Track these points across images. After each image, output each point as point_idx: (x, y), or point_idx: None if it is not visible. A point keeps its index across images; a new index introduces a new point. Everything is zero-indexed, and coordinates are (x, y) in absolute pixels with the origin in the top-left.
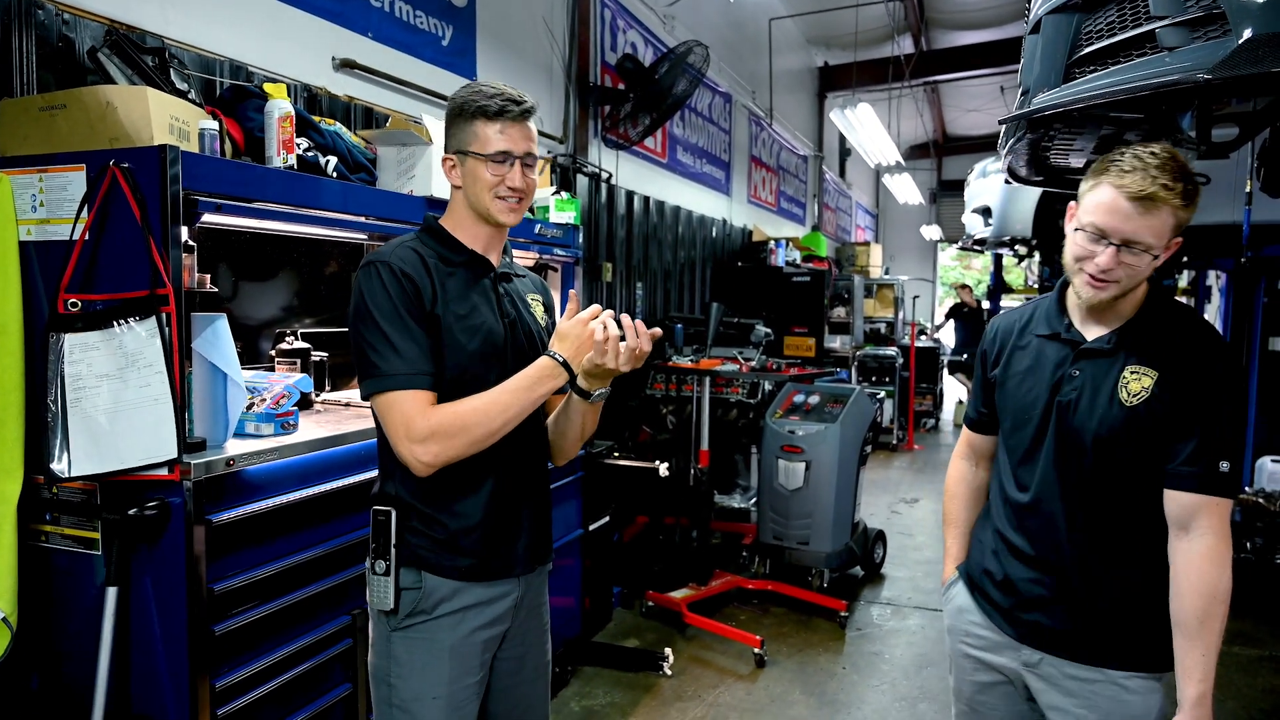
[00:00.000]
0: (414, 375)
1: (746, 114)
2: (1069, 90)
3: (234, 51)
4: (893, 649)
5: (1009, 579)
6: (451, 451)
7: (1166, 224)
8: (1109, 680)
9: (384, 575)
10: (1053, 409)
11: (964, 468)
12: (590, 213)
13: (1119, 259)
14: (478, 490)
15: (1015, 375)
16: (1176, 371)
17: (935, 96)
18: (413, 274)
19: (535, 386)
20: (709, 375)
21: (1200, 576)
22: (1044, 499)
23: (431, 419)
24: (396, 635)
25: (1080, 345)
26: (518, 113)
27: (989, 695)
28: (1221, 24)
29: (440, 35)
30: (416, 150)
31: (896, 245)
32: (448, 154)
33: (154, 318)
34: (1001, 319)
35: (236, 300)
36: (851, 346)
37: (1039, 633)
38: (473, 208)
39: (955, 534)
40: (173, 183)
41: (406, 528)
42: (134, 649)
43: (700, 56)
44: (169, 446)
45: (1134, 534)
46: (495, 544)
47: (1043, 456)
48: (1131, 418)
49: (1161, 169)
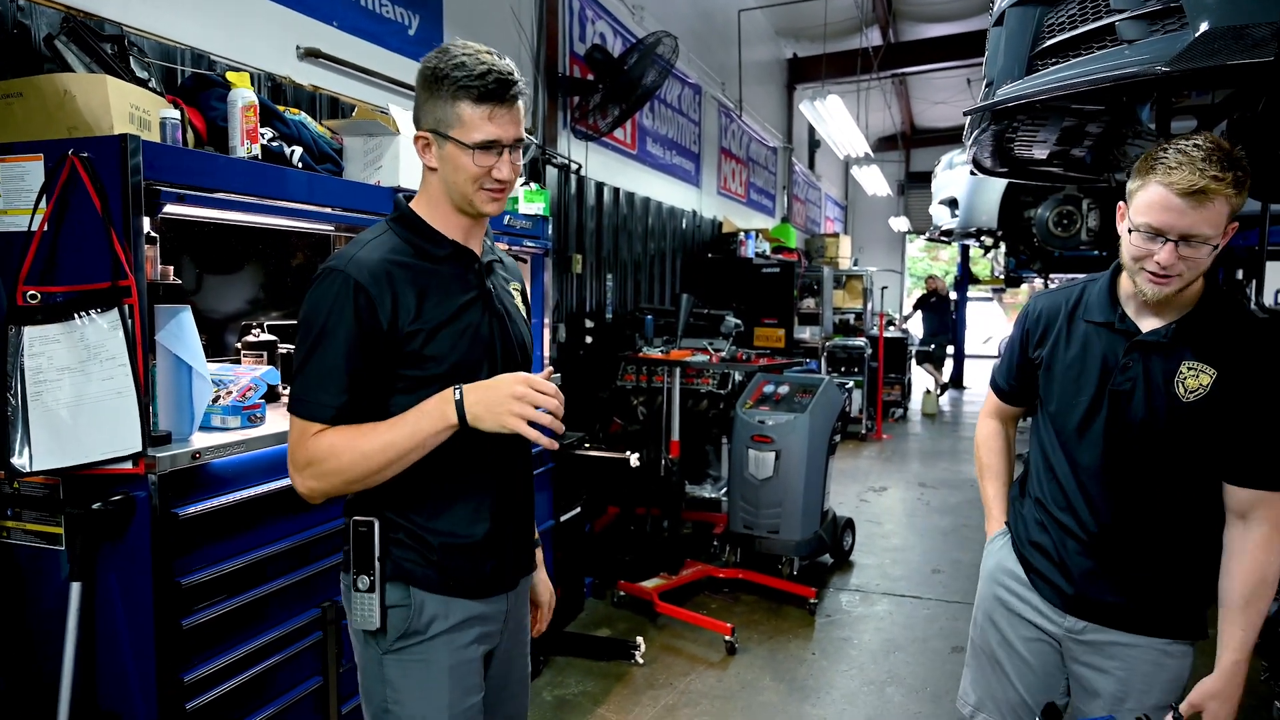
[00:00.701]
0: (320, 406)
1: (716, 105)
2: (1031, 82)
3: (195, 40)
4: (861, 635)
5: (1059, 553)
6: (327, 488)
7: (1221, 213)
8: (1150, 646)
9: (367, 592)
10: (1104, 397)
11: (994, 425)
12: (560, 204)
13: (1179, 254)
14: (480, 502)
15: (1063, 360)
16: (1236, 372)
17: (903, 89)
18: (372, 290)
19: (427, 442)
20: (679, 366)
21: (1253, 561)
22: (1094, 480)
23: (310, 449)
24: (389, 658)
25: (1135, 337)
26: (509, 96)
27: (1018, 648)
28: (1179, 18)
29: (407, 24)
30: (384, 140)
31: (865, 237)
32: (421, 130)
33: (116, 310)
34: (1044, 299)
35: (201, 293)
36: (821, 337)
37: (1087, 605)
38: (451, 195)
39: (997, 487)
40: (134, 173)
41: (393, 540)
42: (100, 645)
43: (669, 47)
44: (133, 440)
45: (1182, 515)
46: (494, 559)
47: (1092, 440)
48: (1188, 414)
49: (1208, 160)
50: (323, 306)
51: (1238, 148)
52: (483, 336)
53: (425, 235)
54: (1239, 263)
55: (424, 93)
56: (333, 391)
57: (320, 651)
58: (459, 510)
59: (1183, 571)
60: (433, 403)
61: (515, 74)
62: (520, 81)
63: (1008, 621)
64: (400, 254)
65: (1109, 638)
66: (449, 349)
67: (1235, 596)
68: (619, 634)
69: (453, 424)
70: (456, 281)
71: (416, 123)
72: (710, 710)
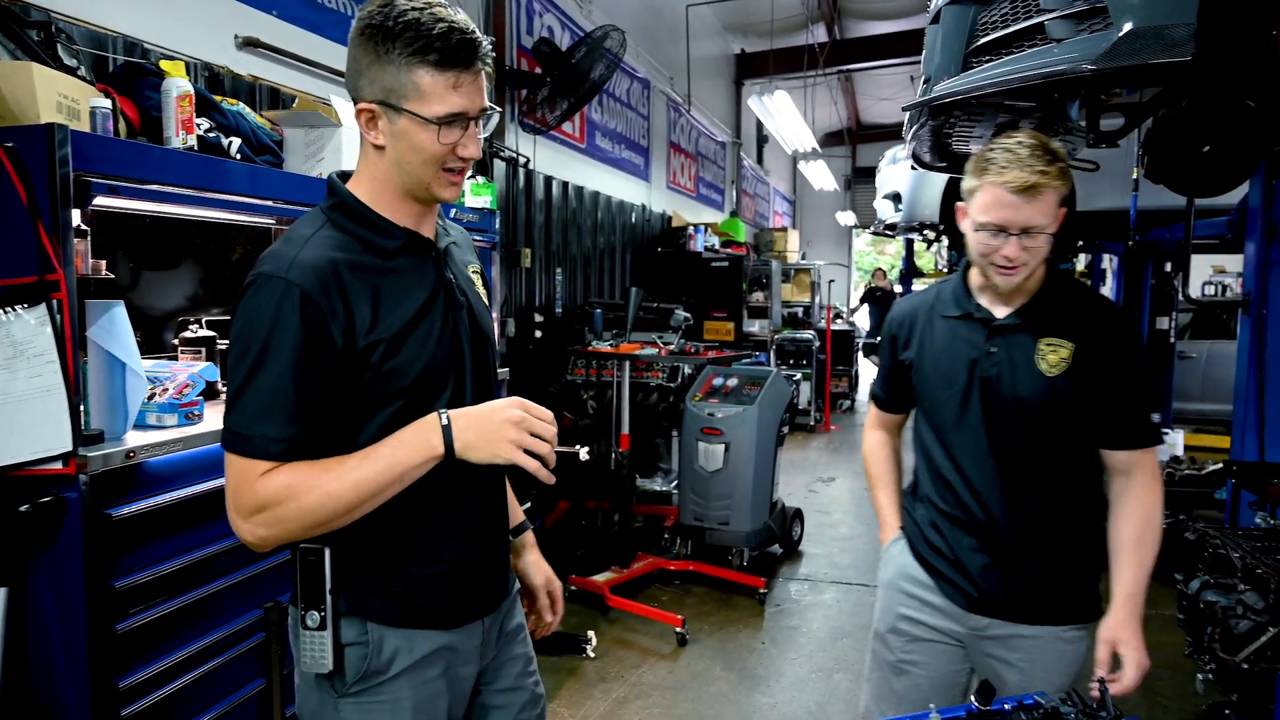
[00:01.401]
0: (266, 441)
1: (665, 100)
2: (966, 79)
3: (128, 27)
4: (810, 623)
5: (955, 551)
6: (282, 535)
7: (1052, 203)
8: (1051, 635)
9: (317, 630)
10: (974, 384)
11: (879, 435)
12: (508, 198)
13: (1022, 245)
14: (454, 523)
15: (931, 356)
16: (1091, 341)
17: (849, 85)
18: (320, 300)
19: (406, 476)
20: (629, 360)
21: (1138, 506)
22: (977, 470)
23: (260, 492)
24: (347, 703)
25: (993, 322)
26: (476, 59)
27: (923, 655)
28: (1104, 18)
29: (348, 14)
30: (325, 132)
31: (813, 231)
32: (366, 102)
33: (44, 305)
34: (903, 304)
35: (137, 288)
36: (770, 330)
37: (991, 602)
38: (403, 178)
39: (888, 495)
40: (62, 163)
41: (347, 570)
42: (31, 651)
43: (617, 41)
44: (63, 439)
45: (1065, 497)
46: (470, 584)
47: (970, 430)
48: (1053, 387)
49: (1034, 157)
50: (262, 321)
51: (1054, 141)
52: (449, 338)
53: (372, 226)
54: (1167, 256)
55: (365, 55)
56: (280, 422)
57: (263, 653)
58: (429, 534)
59: (1073, 554)
60: (412, 431)
61: (477, 31)
62: (486, 41)
63: (912, 627)
64: (346, 251)
65: (1012, 631)
66: (413, 358)
67: (1124, 539)
68: (570, 628)
69: (438, 455)
70: (413, 276)
71: (356, 91)
72: (661, 701)
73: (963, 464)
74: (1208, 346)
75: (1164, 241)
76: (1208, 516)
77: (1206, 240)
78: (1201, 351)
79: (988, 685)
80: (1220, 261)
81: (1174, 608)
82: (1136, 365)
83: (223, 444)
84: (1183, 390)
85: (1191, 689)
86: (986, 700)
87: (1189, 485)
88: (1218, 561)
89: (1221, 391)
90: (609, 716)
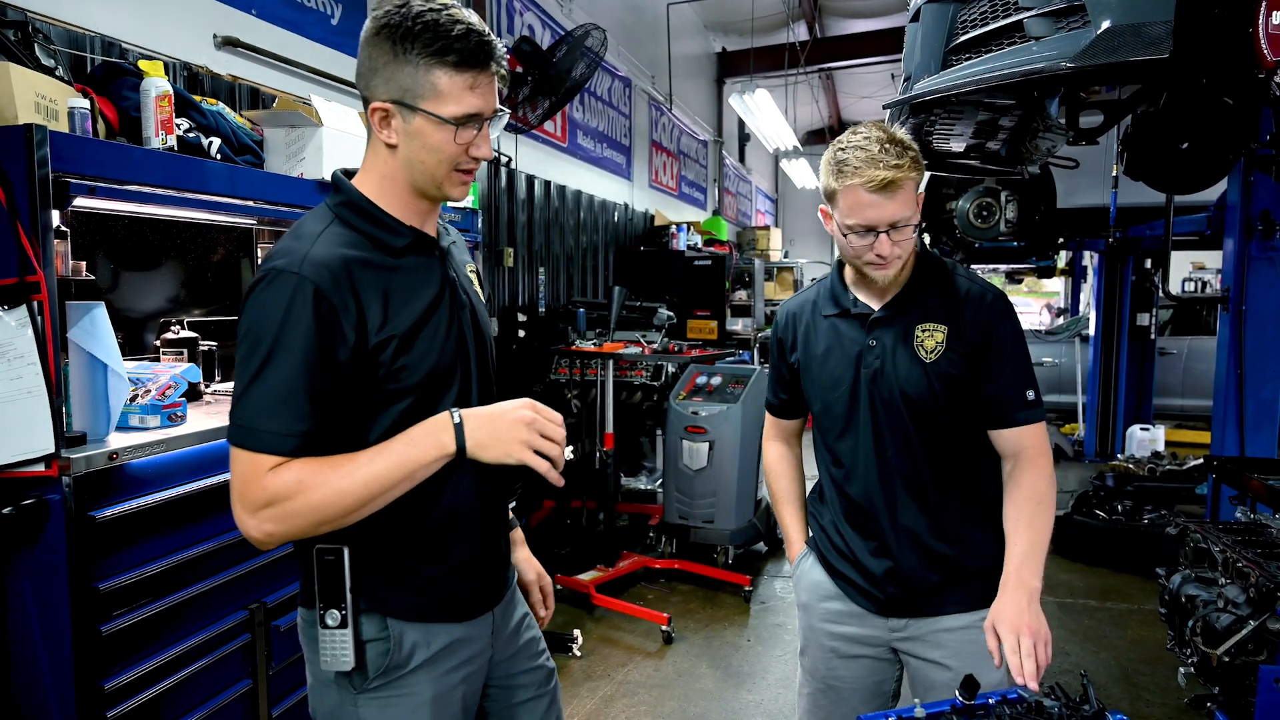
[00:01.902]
0: (278, 436)
1: (646, 99)
2: (946, 77)
3: (106, 27)
4: (795, 620)
5: (856, 554)
6: (289, 531)
7: (912, 194)
8: (969, 625)
9: (339, 628)
10: (860, 380)
11: (778, 448)
12: (490, 197)
13: (892, 240)
14: (464, 522)
15: (816, 356)
16: (961, 322)
17: (830, 83)
18: (333, 296)
19: (417, 474)
20: (613, 359)
21: (1027, 481)
22: (867, 469)
23: (269, 486)
24: (367, 698)
25: (870, 316)
26: (492, 60)
27: (849, 669)
28: (1082, 16)
29: (329, 13)
30: (306, 132)
31: (796, 229)
32: (380, 101)
33: (24, 306)
34: (788, 304)
35: (118, 290)
36: (753, 328)
37: (896, 603)
38: (413, 176)
39: (792, 510)
40: (41, 164)
41: (366, 568)
42: (14, 654)
43: (598, 40)
44: (44, 441)
45: (958, 485)
46: (478, 579)
47: (860, 428)
48: (934, 372)
49: (885, 153)
50: (273, 316)
51: (897, 129)
52: (455, 336)
53: (381, 224)
54: (1147, 253)
55: (381, 55)
56: (292, 417)
57: (249, 654)
58: (443, 530)
59: (974, 543)
60: (424, 429)
61: (491, 34)
62: (500, 43)
63: (837, 643)
64: (356, 248)
65: (930, 626)
66: (423, 355)
67: (1017, 515)
68: (556, 627)
69: (449, 453)
70: (420, 275)
71: (370, 90)
72: (647, 699)
73: (854, 463)
74: (1188, 342)
75: (1144, 238)
76: (1189, 512)
77: (1186, 237)
78: (1181, 347)
79: (971, 680)
80: (1200, 258)
81: (1153, 603)
82: (1013, 342)
83: (230, 438)
84: (1163, 386)
85: (1173, 683)
86: (971, 695)
87: (1170, 480)
88: (1199, 556)
89: (1201, 387)
90: (595, 715)
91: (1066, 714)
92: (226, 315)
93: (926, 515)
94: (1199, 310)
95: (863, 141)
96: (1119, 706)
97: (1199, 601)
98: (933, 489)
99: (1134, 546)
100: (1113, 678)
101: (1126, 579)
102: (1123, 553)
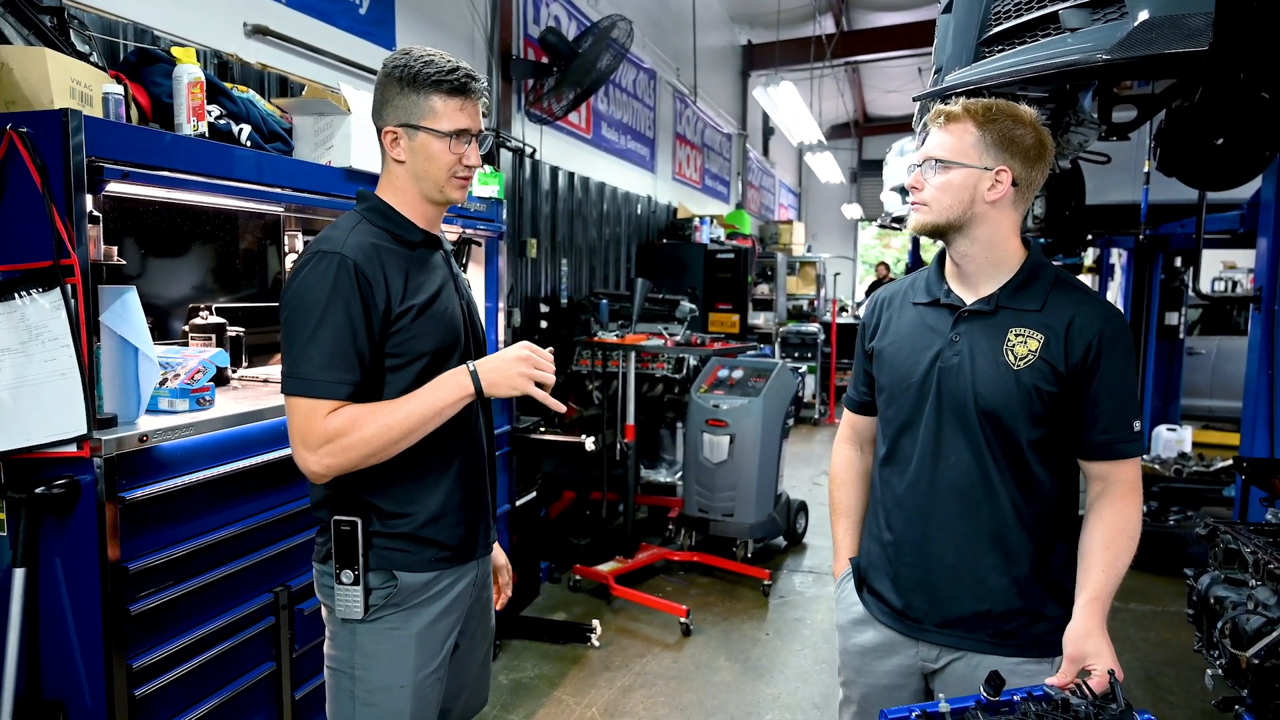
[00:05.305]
0: (334, 384)
1: (671, 91)
2: (978, 69)
3: (139, 15)
4: (814, 615)
5: (896, 567)
6: (344, 464)
7: (964, 140)
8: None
9: (352, 585)
10: (933, 377)
11: (849, 453)
12: (514, 188)
13: (922, 178)
14: (444, 474)
15: (893, 343)
16: (1066, 337)
17: (856, 77)
18: (368, 271)
19: (444, 412)
20: (634, 351)
21: (1113, 511)
22: (924, 478)
23: (328, 426)
24: (363, 627)
25: (960, 309)
26: (476, 90)
27: (887, 698)
28: (1120, 7)
29: (358, 2)
30: (335, 120)
31: (818, 223)
32: (389, 126)
33: (58, 289)
34: (883, 290)
35: (147, 275)
36: (775, 323)
37: (931, 627)
38: (420, 185)
39: (846, 525)
40: (76, 149)
41: (374, 534)
42: (44, 632)
43: (624, 31)
44: (77, 422)
45: (1025, 507)
46: (464, 527)
47: (923, 430)
48: (1019, 381)
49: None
50: (322, 286)
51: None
52: (457, 320)
53: (399, 224)
54: (1177, 251)
55: (390, 90)
56: (343, 369)
57: (273, 637)
58: (433, 483)
59: (1031, 573)
60: (448, 376)
61: (477, 73)
62: (482, 79)
63: (874, 665)
64: (382, 239)
65: (966, 666)
66: (437, 323)
67: (1095, 542)
68: (575, 617)
69: (469, 393)
70: (430, 265)
71: (382, 120)
72: (665, 691)
73: (912, 467)
74: (1217, 342)
75: (1174, 236)
76: (1215, 514)
77: (1218, 235)
78: (1211, 347)
79: (996, 675)
80: (1231, 257)
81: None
82: (1124, 369)
83: (289, 391)
84: (1191, 387)
85: (1198, 685)
86: (996, 691)
87: (1196, 482)
88: (1229, 557)
89: (1230, 388)
90: (613, 705)
91: (1093, 712)
92: (254, 302)
93: (981, 535)
94: (1229, 310)
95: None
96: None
97: (1228, 603)
98: (986, 507)
99: (1159, 548)
100: (1136, 679)
101: (1151, 580)
102: (1147, 554)
